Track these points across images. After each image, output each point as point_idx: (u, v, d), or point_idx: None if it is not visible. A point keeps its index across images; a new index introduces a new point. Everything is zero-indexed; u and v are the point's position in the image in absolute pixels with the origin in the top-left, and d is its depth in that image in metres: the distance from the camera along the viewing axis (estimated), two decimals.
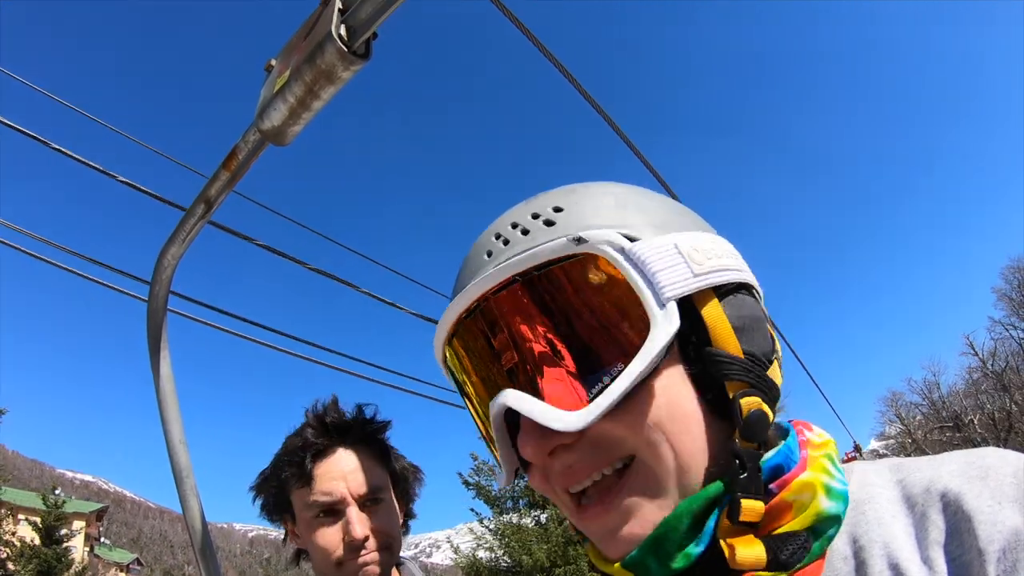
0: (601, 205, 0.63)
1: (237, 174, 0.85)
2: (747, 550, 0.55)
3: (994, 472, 0.56)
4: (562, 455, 0.60)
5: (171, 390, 1.18)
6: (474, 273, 0.63)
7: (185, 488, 1.26)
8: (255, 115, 0.79)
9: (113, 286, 3.53)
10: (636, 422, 0.57)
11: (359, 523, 1.26)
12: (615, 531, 0.59)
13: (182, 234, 0.95)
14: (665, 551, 0.57)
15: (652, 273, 0.57)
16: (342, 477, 1.29)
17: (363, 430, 1.38)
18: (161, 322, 1.09)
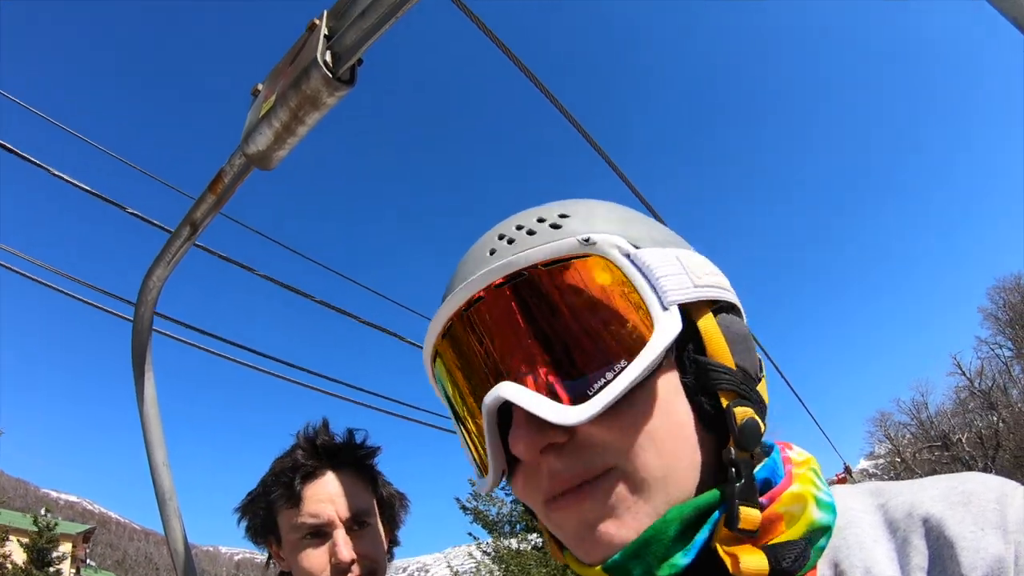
0: (605, 216, 0.65)
1: (223, 197, 0.86)
2: (750, 558, 0.54)
3: (976, 498, 0.56)
4: (551, 457, 0.58)
5: (155, 412, 1.17)
6: (475, 269, 0.63)
7: (168, 511, 1.25)
8: (241, 139, 0.80)
9: (97, 305, 3.49)
10: (629, 425, 0.57)
11: (345, 546, 1.25)
12: (592, 525, 0.57)
13: (168, 256, 0.95)
14: (650, 558, 0.55)
15: (656, 278, 0.59)
16: (330, 500, 1.29)
17: (353, 454, 1.38)
18: (146, 344, 1.09)
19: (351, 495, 1.31)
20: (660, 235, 0.66)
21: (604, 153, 3.81)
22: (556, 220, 0.63)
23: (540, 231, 0.62)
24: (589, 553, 0.58)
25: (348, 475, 1.35)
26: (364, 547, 1.29)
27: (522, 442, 0.57)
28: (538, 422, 0.57)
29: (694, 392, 0.61)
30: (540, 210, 0.66)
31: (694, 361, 0.61)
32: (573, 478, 0.58)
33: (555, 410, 0.55)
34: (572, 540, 0.60)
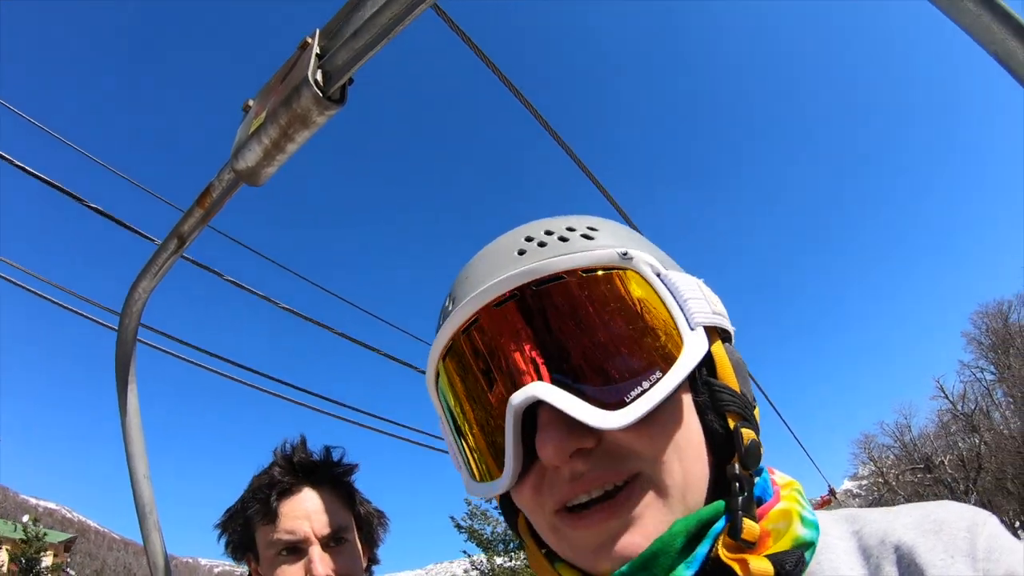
0: (630, 237, 0.68)
1: (211, 211, 0.86)
2: (758, 563, 0.55)
3: (948, 526, 0.58)
4: (576, 461, 0.58)
5: (137, 424, 1.17)
6: (501, 268, 0.64)
7: (148, 524, 1.23)
8: (231, 154, 0.81)
9: (81, 313, 3.46)
10: (655, 436, 0.59)
11: (321, 562, 1.25)
12: (614, 539, 0.57)
13: (154, 268, 0.95)
14: (657, 570, 0.55)
15: (684, 299, 0.62)
16: (306, 516, 1.29)
17: (330, 471, 1.39)
18: (130, 355, 1.09)
19: (327, 512, 1.31)
20: (673, 263, 0.70)
21: (597, 180, 3.85)
22: (586, 231, 0.65)
23: (572, 239, 0.64)
24: (601, 565, 0.58)
25: (325, 492, 1.35)
26: (340, 564, 1.29)
27: (552, 445, 0.56)
28: (569, 425, 0.57)
29: (704, 411, 0.63)
30: (565, 220, 0.67)
31: (706, 383, 0.64)
32: (597, 480, 0.58)
33: (594, 414, 0.55)
34: (587, 552, 0.59)
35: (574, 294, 0.60)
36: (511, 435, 0.59)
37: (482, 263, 0.67)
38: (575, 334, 0.59)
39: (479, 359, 0.63)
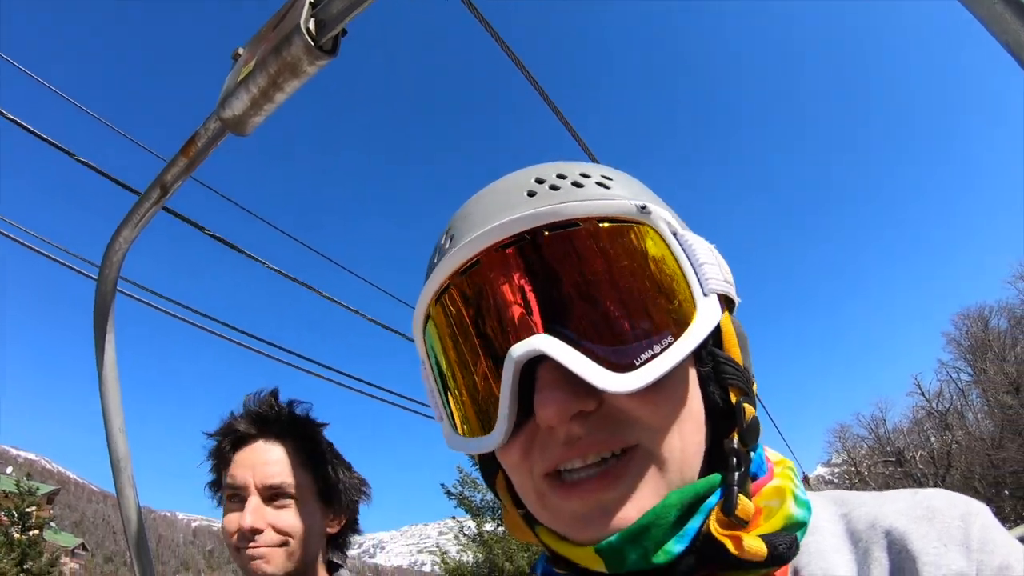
0: (644, 191, 0.64)
1: (195, 161, 0.85)
2: (752, 541, 0.52)
3: (941, 514, 0.56)
4: (575, 424, 0.54)
5: (114, 377, 1.15)
6: (509, 208, 0.58)
7: (122, 478, 1.22)
8: (217, 103, 0.79)
9: (60, 260, 3.39)
10: (659, 404, 0.55)
11: (251, 513, 1.25)
12: (607, 510, 0.54)
13: (136, 217, 0.93)
14: (648, 543, 0.53)
15: (699, 263, 0.58)
16: (251, 466, 1.29)
17: (283, 425, 1.36)
18: (109, 305, 1.07)
19: (275, 465, 1.30)
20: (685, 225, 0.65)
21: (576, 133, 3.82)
22: (601, 179, 0.60)
23: (587, 186, 0.59)
24: (585, 534, 0.55)
25: (279, 445, 1.33)
26: (281, 520, 1.27)
27: (553, 405, 0.52)
28: (573, 385, 0.53)
29: (707, 382, 0.60)
30: (577, 165, 0.62)
31: (711, 353, 0.61)
32: (593, 447, 0.54)
33: (602, 375, 0.51)
34: (574, 521, 0.56)
35: (587, 244, 0.56)
36: (508, 391, 0.55)
37: (488, 201, 0.61)
38: (584, 287, 0.55)
39: (477, 305, 0.58)
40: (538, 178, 0.60)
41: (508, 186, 0.62)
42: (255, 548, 1.25)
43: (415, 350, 0.68)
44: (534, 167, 0.63)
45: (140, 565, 1.29)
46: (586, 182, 0.59)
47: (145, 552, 1.30)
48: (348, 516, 1.45)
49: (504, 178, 0.64)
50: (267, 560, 1.25)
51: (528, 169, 0.63)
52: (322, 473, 1.36)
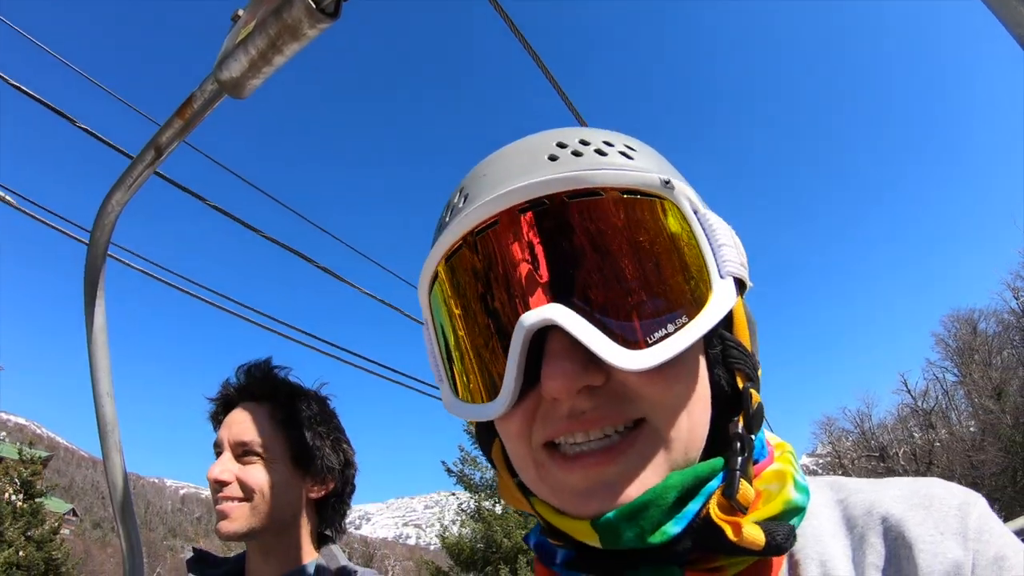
0: (667, 165, 0.62)
1: (191, 123, 0.83)
2: (751, 529, 0.51)
3: (939, 503, 0.56)
4: (581, 398, 0.53)
5: (103, 341, 1.15)
6: (529, 171, 0.56)
7: (109, 443, 1.22)
8: (215, 64, 0.77)
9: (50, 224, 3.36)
10: (668, 383, 0.54)
11: (219, 465, 1.34)
12: (609, 485, 0.53)
13: (129, 180, 0.92)
14: (645, 523, 0.51)
15: (719, 244, 0.56)
16: (228, 425, 1.39)
17: (263, 389, 1.44)
18: (99, 269, 1.06)
19: (249, 424, 1.38)
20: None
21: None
22: (624, 149, 0.58)
23: (610, 155, 0.57)
24: (584, 509, 0.54)
25: (254, 408, 1.41)
26: (246, 474, 1.34)
27: (562, 377, 0.51)
28: (582, 358, 0.52)
29: (714, 365, 0.59)
30: (599, 132, 0.60)
31: (721, 337, 0.60)
32: (598, 422, 0.53)
33: (614, 350, 0.50)
34: (572, 495, 0.55)
35: (608, 214, 0.54)
36: (516, 359, 0.53)
37: (506, 162, 0.59)
38: (602, 258, 0.53)
39: (489, 268, 0.56)
40: (560, 142, 0.58)
41: (528, 148, 0.59)
42: (223, 502, 1.32)
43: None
44: (554, 131, 0.61)
45: (125, 529, 1.29)
46: (609, 151, 0.57)
47: (131, 517, 1.31)
48: (335, 485, 1.45)
49: (523, 140, 0.61)
50: (230, 517, 1.31)
51: (547, 133, 0.61)
52: (296, 436, 1.40)
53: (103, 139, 2.94)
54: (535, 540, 0.64)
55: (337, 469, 1.45)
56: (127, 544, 1.29)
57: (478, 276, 0.57)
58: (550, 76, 3.16)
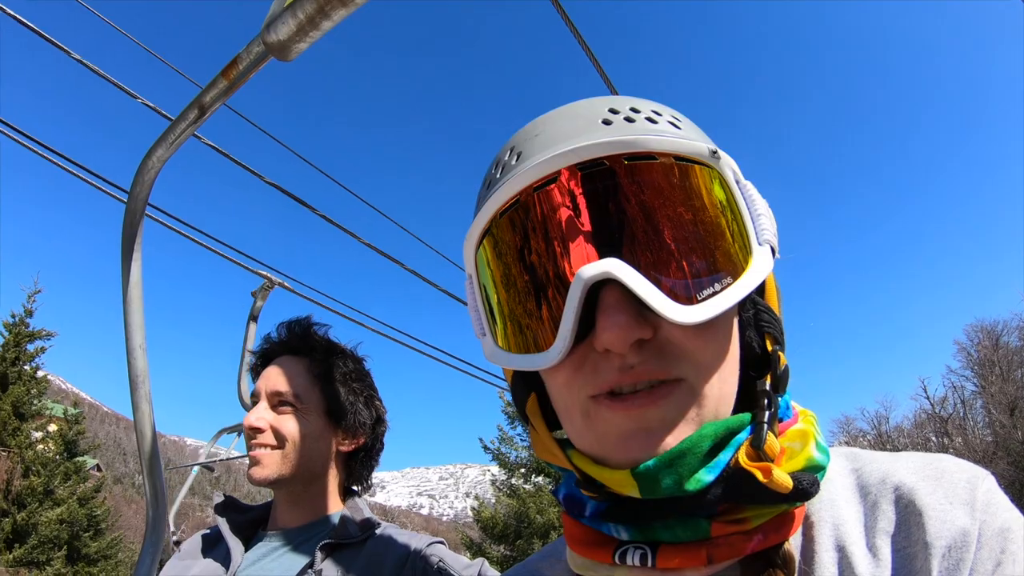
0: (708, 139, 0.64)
1: (235, 83, 0.84)
2: (780, 473, 0.53)
3: (949, 475, 0.59)
4: (632, 351, 0.55)
5: (138, 295, 1.17)
6: (586, 133, 0.58)
7: (139, 395, 1.26)
8: (262, 27, 0.78)
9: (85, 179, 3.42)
10: (708, 340, 0.57)
11: (254, 413, 1.39)
12: (649, 432, 0.55)
13: (171, 137, 0.94)
14: (683, 469, 0.54)
15: (757, 213, 0.60)
16: (266, 376, 1.44)
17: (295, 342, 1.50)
18: (138, 224, 1.08)
19: (284, 376, 1.43)
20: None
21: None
22: (673, 120, 0.61)
23: (660, 123, 0.59)
24: (628, 455, 0.56)
25: (293, 362, 1.47)
26: (280, 423, 1.39)
27: (617, 329, 0.53)
28: (636, 312, 0.54)
29: (745, 328, 0.63)
30: (647, 102, 0.63)
31: (754, 301, 0.64)
32: (644, 375, 0.55)
33: (668, 304, 0.53)
34: (616, 439, 0.57)
35: (662, 178, 0.56)
36: (573, 310, 0.55)
37: (561, 124, 0.61)
38: (655, 219, 0.56)
39: (546, 224, 0.58)
40: (612, 108, 0.60)
41: (582, 111, 0.61)
42: (256, 449, 1.37)
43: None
44: (604, 97, 0.63)
45: (151, 479, 1.33)
46: (659, 119, 0.60)
47: (156, 466, 1.35)
48: (366, 440, 1.51)
49: (573, 104, 0.64)
50: (262, 463, 1.37)
51: (597, 99, 0.63)
52: (331, 390, 1.45)
53: (146, 101, 2.98)
54: (565, 492, 0.66)
55: (369, 425, 1.50)
56: (152, 492, 1.33)
57: (536, 231, 0.59)
58: (587, 48, 3.13)
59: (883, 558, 0.56)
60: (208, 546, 1.45)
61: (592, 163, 0.56)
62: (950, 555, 0.53)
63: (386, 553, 1.34)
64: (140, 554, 1.32)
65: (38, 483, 19.55)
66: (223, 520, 1.43)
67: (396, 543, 1.36)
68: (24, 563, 18.56)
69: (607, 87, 3.65)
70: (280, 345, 1.50)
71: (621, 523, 0.59)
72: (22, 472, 19.44)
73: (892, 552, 0.56)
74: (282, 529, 1.41)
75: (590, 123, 0.59)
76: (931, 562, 0.53)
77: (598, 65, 3.30)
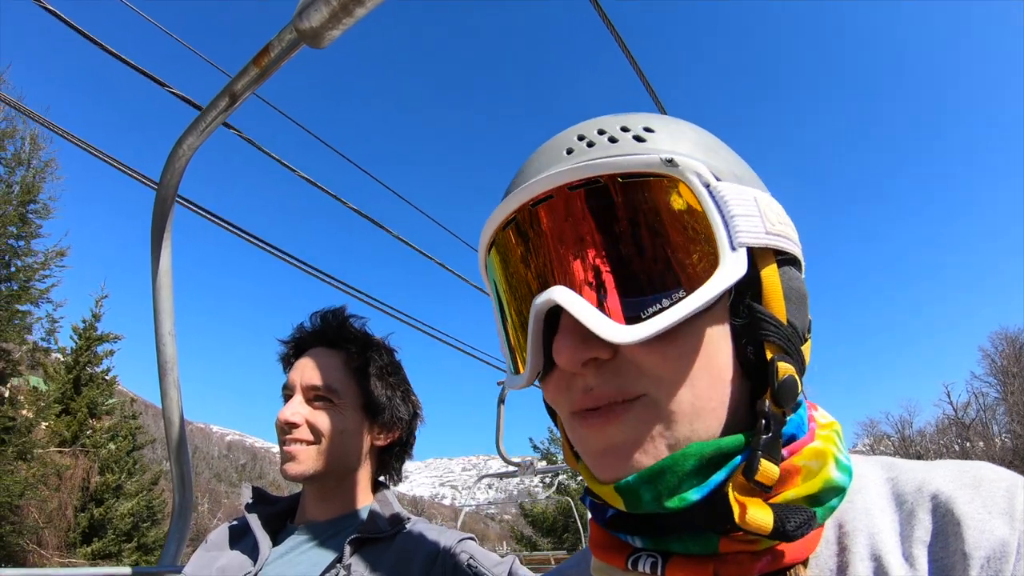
0: (691, 139, 0.63)
1: (267, 71, 0.84)
2: (758, 512, 0.52)
3: (987, 483, 0.57)
4: (589, 372, 0.57)
5: (168, 282, 1.19)
6: (548, 165, 0.62)
7: (168, 380, 1.27)
8: (294, 13, 0.78)
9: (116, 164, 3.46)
10: (672, 357, 0.56)
11: (289, 408, 1.35)
12: (613, 448, 0.57)
13: (202, 124, 0.94)
14: (662, 487, 0.54)
15: (731, 216, 0.57)
16: (301, 368, 1.40)
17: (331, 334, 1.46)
18: (168, 211, 1.09)
19: (322, 369, 1.39)
20: (741, 171, 0.64)
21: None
22: (640, 132, 0.60)
23: (623, 140, 0.60)
24: (604, 472, 0.58)
25: (328, 354, 1.43)
26: (316, 418, 1.36)
27: (567, 351, 0.56)
28: (585, 333, 0.56)
29: (740, 337, 0.60)
30: (625, 118, 0.63)
31: (748, 307, 0.60)
32: (604, 396, 0.57)
33: (606, 325, 0.54)
34: (591, 457, 0.59)
35: (609, 200, 0.58)
36: (532, 337, 0.60)
37: (535, 159, 0.64)
38: (603, 242, 0.58)
39: (512, 259, 0.64)
40: (580, 135, 0.62)
41: (554, 143, 0.64)
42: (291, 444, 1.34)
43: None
44: (583, 123, 0.65)
45: (179, 465, 1.36)
46: (623, 136, 0.60)
47: (184, 452, 1.37)
48: (400, 434, 1.50)
49: (555, 136, 0.66)
50: (297, 459, 1.34)
51: (578, 125, 0.66)
52: (368, 384, 1.42)
53: (175, 91, 3.01)
54: (588, 497, 0.67)
55: (405, 420, 1.49)
56: (179, 479, 1.36)
57: (507, 265, 0.65)
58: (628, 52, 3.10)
59: (920, 568, 0.55)
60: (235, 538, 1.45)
61: (545, 195, 0.60)
62: (988, 566, 0.52)
63: (416, 549, 1.32)
64: (167, 539, 1.34)
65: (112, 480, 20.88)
66: (253, 515, 1.43)
67: (426, 539, 1.35)
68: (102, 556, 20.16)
69: (646, 90, 3.62)
70: (315, 336, 1.46)
71: (634, 531, 0.60)
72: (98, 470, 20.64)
73: (929, 562, 0.55)
74: (311, 522, 1.41)
75: (556, 154, 0.62)
76: (969, 573, 0.52)
77: (637, 68, 3.27)
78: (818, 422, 0.65)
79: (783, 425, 0.58)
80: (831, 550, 0.59)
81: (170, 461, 1.32)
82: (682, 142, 0.62)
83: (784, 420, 0.58)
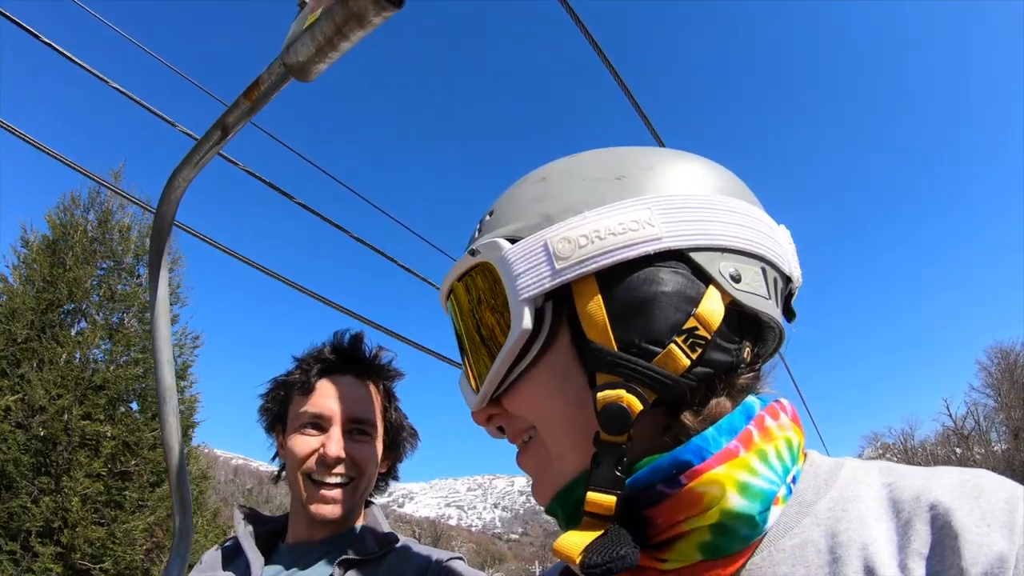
0: (522, 202, 0.66)
1: (257, 104, 0.86)
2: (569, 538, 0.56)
3: (987, 494, 0.55)
4: (494, 425, 0.70)
5: (165, 311, 1.20)
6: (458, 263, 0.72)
7: (167, 409, 1.28)
8: (282, 48, 0.80)
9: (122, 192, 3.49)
10: (526, 403, 0.65)
11: (337, 443, 1.28)
12: (531, 477, 0.69)
13: (196, 157, 0.96)
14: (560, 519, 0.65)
15: (515, 276, 0.60)
16: (338, 397, 1.32)
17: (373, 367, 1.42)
18: (165, 242, 1.11)
19: (360, 401, 1.35)
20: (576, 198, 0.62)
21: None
22: (485, 218, 0.70)
23: (481, 228, 0.70)
24: (534, 495, 0.69)
25: (364, 384, 1.38)
26: (357, 453, 1.32)
27: (474, 416, 0.70)
28: None
29: (584, 373, 0.60)
30: (505, 196, 0.71)
31: (578, 345, 0.60)
32: (512, 435, 0.70)
33: (468, 396, 0.70)
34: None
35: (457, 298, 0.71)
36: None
37: None
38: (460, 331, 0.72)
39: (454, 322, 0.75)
40: (481, 220, 0.72)
41: None
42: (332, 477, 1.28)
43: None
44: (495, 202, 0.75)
45: (179, 491, 1.35)
46: (483, 222, 0.70)
47: (184, 479, 1.37)
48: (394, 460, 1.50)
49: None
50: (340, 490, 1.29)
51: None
52: (390, 418, 1.43)
53: (171, 121, 3.05)
54: None
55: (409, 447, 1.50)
56: (179, 503, 1.35)
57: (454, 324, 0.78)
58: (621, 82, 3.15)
59: None
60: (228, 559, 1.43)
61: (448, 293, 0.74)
62: None
63: (405, 569, 1.33)
64: (167, 564, 1.34)
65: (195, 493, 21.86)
66: (245, 533, 1.42)
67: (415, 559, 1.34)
68: None
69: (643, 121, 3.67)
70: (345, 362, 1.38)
71: None
72: None
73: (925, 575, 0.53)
74: (303, 542, 1.41)
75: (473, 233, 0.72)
76: None
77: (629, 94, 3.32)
78: (756, 435, 0.60)
79: (622, 453, 0.57)
80: (823, 560, 0.57)
81: (171, 486, 1.33)
82: (511, 210, 0.67)
83: (623, 447, 0.57)
